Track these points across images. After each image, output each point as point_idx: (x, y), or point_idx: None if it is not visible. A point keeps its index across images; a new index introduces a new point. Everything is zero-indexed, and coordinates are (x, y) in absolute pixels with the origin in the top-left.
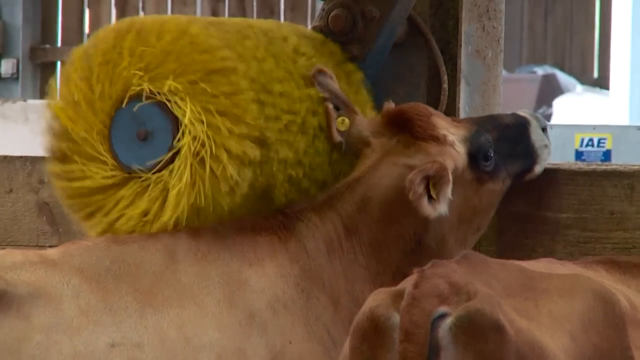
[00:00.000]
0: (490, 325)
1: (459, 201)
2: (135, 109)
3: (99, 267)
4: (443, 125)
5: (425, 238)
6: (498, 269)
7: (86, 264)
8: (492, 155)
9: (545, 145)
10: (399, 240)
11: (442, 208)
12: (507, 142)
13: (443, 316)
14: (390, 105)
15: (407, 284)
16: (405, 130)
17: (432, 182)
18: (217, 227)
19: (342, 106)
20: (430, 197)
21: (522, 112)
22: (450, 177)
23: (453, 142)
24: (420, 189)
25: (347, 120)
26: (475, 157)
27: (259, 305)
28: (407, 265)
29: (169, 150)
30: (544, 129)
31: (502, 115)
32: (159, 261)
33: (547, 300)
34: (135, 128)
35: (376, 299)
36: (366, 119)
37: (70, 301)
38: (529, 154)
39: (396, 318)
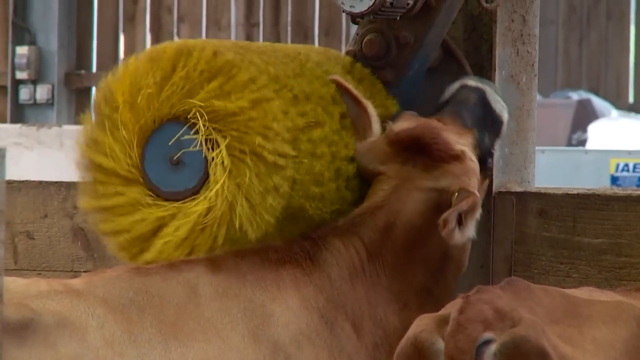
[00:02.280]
0: (535, 352)
1: None
2: (170, 133)
3: (122, 298)
4: (454, 139)
5: (450, 251)
6: (541, 295)
7: (110, 294)
8: (494, 151)
9: (503, 106)
10: (426, 261)
11: (470, 232)
12: (479, 120)
13: (488, 342)
14: (392, 129)
15: (451, 310)
16: (421, 154)
17: (464, 215)
18: (238, 261)
19: (353, 126)
20: (459, 225)
21: (472, 83)
22: (480, 203)
23: (471, 156)
24: (453, 224)
25: None
26: (484, 160)
27: (283, 339)
28: (431, 281)
29: (199, 179)
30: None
31: (466, 97)
32: (182, 294)
33: (591, 327)
34: (169, 152)
35: (420, 325)
36: (367, 145)
37: (95, 332)
38: (496, 122)
39: (440, 344)
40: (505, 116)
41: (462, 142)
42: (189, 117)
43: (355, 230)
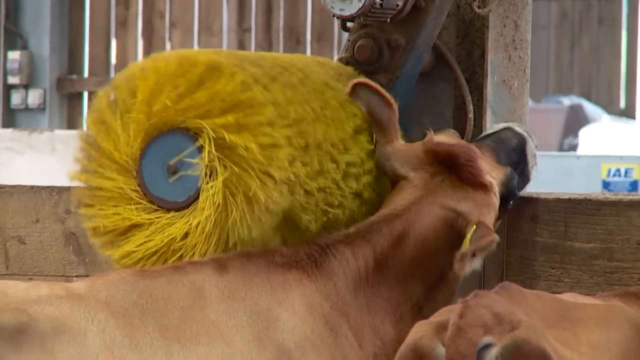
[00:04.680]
0: (537, 354)
1: None
2: (168, 142)
3: (125, 302)
4: (487, 169)
5: (447, 273)
6: (534, 300)
7: (113, 298)
8: (518, 193)
9: (535, 164)
10: (426, 276)
11: (477, 265)
12: (512, 164)
13: (488, 346)
14: (432, 137)
15: (449, 315)
16: (451, 171)
17: (478, 251)
18: (244, 263)
19: (377, 128)
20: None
21: (518, 128)
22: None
23: (496, 191)
24: (468, 258)
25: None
26: (506, 200)
27: (288, 344)
28: (423, 298)
29: (188, 198)
30: (535, 146)
31: (509, 137)
32: (187, 296)
33: (585, 330)
34: (166, 161)
35: (419, 331)
36: (402, 148)
37: (95, 337)
38: (524, 175)
39: (440, 349)
40: (533, 174)
41: (493, 175)
42: (198, 136)
43: (369, 238)
